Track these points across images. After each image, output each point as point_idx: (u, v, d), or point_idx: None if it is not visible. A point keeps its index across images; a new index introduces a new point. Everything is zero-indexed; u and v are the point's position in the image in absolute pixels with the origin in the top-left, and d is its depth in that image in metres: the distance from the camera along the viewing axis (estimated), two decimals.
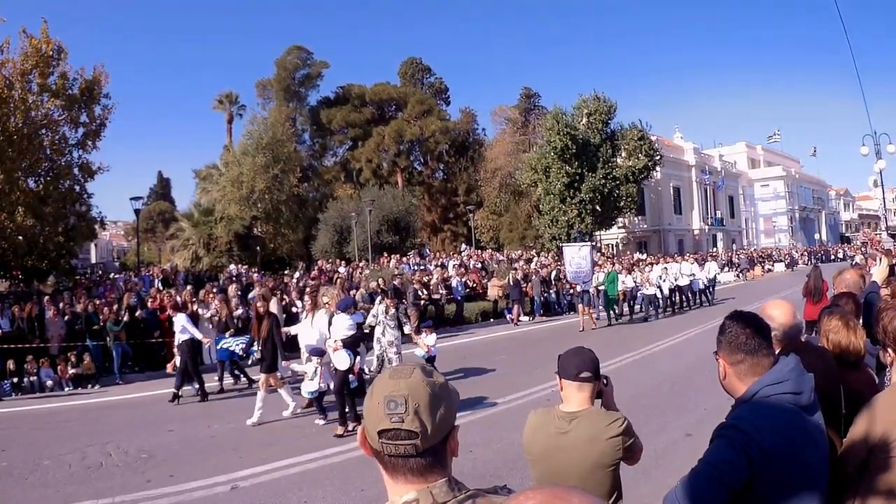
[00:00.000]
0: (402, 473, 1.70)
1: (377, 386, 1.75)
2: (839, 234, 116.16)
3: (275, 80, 70.90)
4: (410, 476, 1.70)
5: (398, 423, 1.65)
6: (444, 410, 1.72)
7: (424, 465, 1.69)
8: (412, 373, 1.74)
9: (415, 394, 1.68)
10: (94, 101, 29.23)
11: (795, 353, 3.08)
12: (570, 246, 30.30)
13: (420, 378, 1.72)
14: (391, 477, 1.73)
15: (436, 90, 79.24)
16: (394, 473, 1.72)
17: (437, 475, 1.71)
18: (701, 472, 2.84)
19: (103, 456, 10.81)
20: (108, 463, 10.42)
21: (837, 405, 3.81)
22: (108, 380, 19.16)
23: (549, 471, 3.75)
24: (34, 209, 26.30)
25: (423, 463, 1.69)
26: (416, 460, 1.68)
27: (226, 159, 52.93)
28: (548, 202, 54.85)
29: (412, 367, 1.77)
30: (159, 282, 27.32)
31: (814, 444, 2.88)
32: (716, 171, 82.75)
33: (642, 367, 16.66)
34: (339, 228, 51.19)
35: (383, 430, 1.67)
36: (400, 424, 1.65)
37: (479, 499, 1.72)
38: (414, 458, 1.68)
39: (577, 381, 3.78)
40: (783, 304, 4.42)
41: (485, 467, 8.88)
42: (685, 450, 8.77)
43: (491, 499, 1.72)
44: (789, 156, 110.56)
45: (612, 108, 56.90)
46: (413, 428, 1.65)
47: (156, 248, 73.80)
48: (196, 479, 9.27)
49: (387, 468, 1.73)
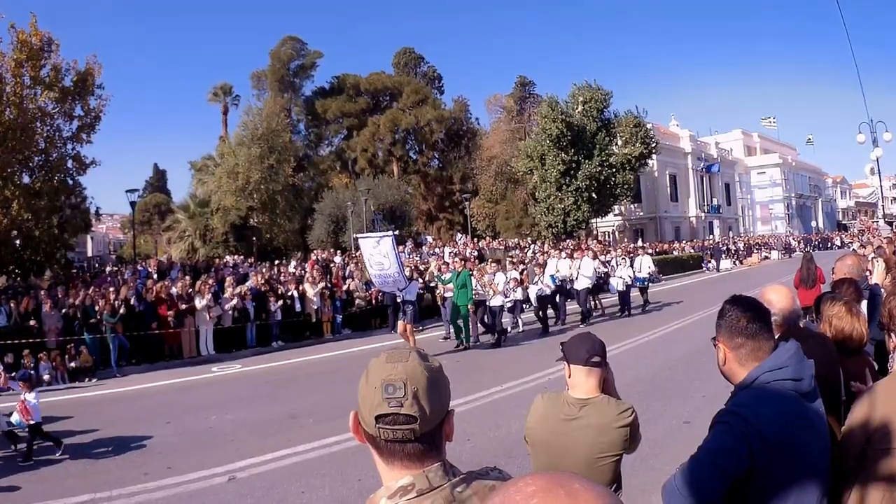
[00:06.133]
0: (398, 458, 1.70)
1: (372, 370, 1.74)
2: (836, 221, 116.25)
3: (269, 71, 70.73)
4: (407, 461, 1.70)
5: (397, 407, 1.65)
6: (440, 395, 1.73)
7: (421, 450, 1.69)
8: (409, 357, 1.74)
9: (413, 378, 1.68)
10: (87, 92, 29.21)
11: (795, 340, 3.05)
12: (366, 238, 19.91)
13: (417, 362, 1.72)
14: (386, 462, 1.73)
15: (430, 79, 79.08)
16: (390, 458, 1.71)
17: (433, 460, 1.71)
18: (700, 460, 2.82)
19: (100, 449, 10.80)
20: (105, 456, 10.42)
21: (837, 392, 3.79)
22: (106, 373, 19.11)
23: (551, 456, 3.73)
24: (28, 203, 26.25)
25: (420, 448, 1.69)
26: (414, 445, 1.68)
27: (221, 150, 52.97)
28: (544, 190, 54.86)
29: (408, 351, 1.77)
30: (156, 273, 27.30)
31: (814, 431, 2.86)
32: (712, 157, 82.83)
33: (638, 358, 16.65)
34: (335, 218, 51.31)
35: (381, 415, 1.66)
36: (399, 409, 1.64)
37: (473, 482, 1.72)
38: (411, 442, 1.67)
39: (586, 366, 3.75)
40: (782, 289, 4.40)
41: (482, 455, 8.85)
42: (683, 438, 8.76)
43: (484, 482, 1.73)
44: (786, 143, 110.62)
45: (607, 95, 56.93)
46: (412, 412, 1.64)
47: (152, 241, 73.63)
48: (193, 470, 9.26)
49: (382, 453, 1.72)
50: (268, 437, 10.95)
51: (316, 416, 12.23)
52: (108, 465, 9.91)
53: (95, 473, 9.49)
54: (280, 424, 11.96)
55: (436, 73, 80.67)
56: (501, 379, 14.30)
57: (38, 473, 9.67)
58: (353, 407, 1.79)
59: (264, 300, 23.75)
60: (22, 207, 25.79)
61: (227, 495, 8.31)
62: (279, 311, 23.84)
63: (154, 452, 10.47)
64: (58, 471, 9.75)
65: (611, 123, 57.00)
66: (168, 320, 21.06)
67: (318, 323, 25.33)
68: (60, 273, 29.97)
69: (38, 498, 8.49)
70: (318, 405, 13.32)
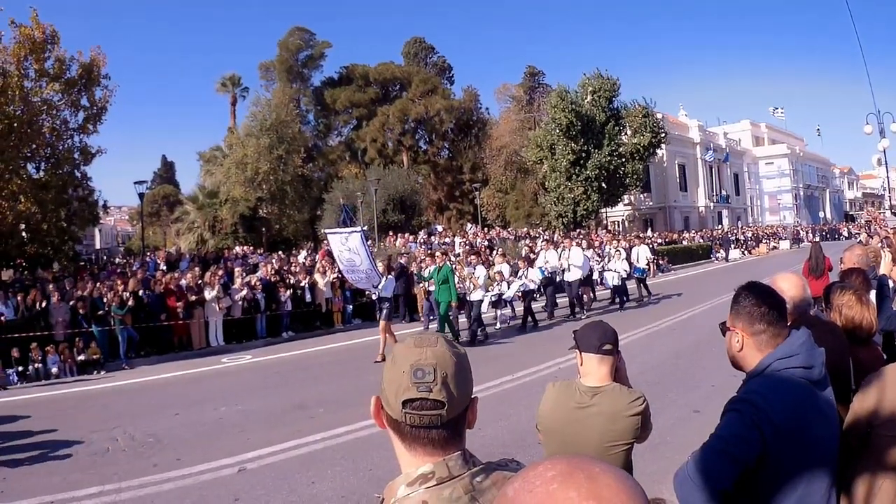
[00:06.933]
0: (421, 445, 1.69)
1: (400, 354, 1.73)
2: (843, 212, 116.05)
3: (277, 62, 70.84)
4: (430, 447, 1.69)
5: (426, 392, 1.64)
6: (466, 381, 1.73)
7: (445, 437, 1.68)
8: (437, 342, 1.73)
9: (442, 363, 1.67)
10: (93, 83, 29.15)
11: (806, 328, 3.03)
12: (334, 233, 19.36)
13: (446, 347, 1.72)
14: (409, 448, 1.72)
15: (439, 69, 79.08)
16: (413, 445, 1.70)
17: (455, 447, 1.70)
18: (712, 448, 2.82)
19: (109, 441, 10.80)
20: (114, 448, 10.41)
21: (847, 380, 3.78)
22: (115, 365, 19.16)
23: (563, 444, 3.72)
24: (35, 196, 26.29)
25: (445, 434, 1.68)
26: (439, 431, 1.67)
27: (230, 141, 52.94)
28: (553, 179, 54.95)
29: (436, 337, 1.76)
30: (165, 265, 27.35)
31: (825, 419, 2.85)
32: (720, 148, 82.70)
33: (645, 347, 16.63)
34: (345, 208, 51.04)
35: (409, 400, 1.65)
36: (427, 394, 1.64)
37: (493, 472, 1.71)
38: (437, 429, 1.67)
39: (598, 354, 3.74)
40: (793, 278, 4.38)
41: (493, 445, 8.86)
42: (693, 426, 8.74)
43: (504, 472, 1.71)
44: (793, 134, 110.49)
45: (615, 85, 56.86)
46: (440, 398, 1.64)
47: (161, 232, 73.76)
48: (203, 462, 9.27)
49: (405, 439, 1.71)
50: (278, 428, 10.95)
51: (326, 407, 12.24)
52: (117, 457, 9.92)
53: (104, 465, 9.50)
54: (290, 415, 11.97)
55: (446, 64, 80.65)
56: (511, 368, 14.29)
57: (46, 466, 9.66)
58: (364, 396, 1.78)
59: (274, 291, 23.80)
60: (29, 200, 25.83)
61: (237, 486, 8.31)
62: (289, 302, 23.90)
63: (163, 444, 10.48)
64: (66, 463, 9.73)
65: (620, 113, 56.97)
66: (177, 312, 21.11)
67: (329, 313, 25.39)
68: (68, 266, 30.02)
69: (46, 490, 8.49)
70: (328, 395, 13.34)
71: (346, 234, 18.55)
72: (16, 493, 8.52)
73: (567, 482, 1.01)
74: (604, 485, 1.01)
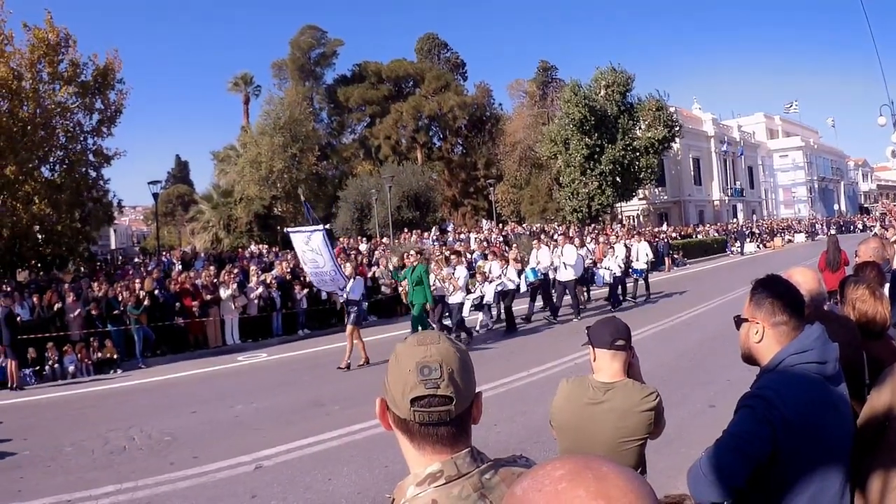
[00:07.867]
0: (430, 443, 1.69)
1: (403, 354, 1.73)
2: (858, 204, 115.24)
3: (290, 60, 70.80)
4: (439, 445, 1.69)
5: (433, 388, 1.64)
6: (470, 375, 1.74)
7: (454, 434, 1.69)
8: (440, 339, 1.74)
9: (447, 359, 1.68)
10: (108, 86, 29.28)
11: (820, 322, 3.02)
12: (296, 232, 17.88)
13: (449, 344, 1.73)
14: (418, 447, 1.72)
15: (452, 65, 78.70)
16: (422, 443, 1.71)
17: (463, 444, 1.71)
18: (725, 444, 2.81)
19: (126, 440, 10.87)
20: (130, 447, 10.48)
21: (861, 375, 3.75)
22: (131, 364, 19.29)
23: (576, 440, 3.74)
24: (50, 198, 26.41)
25: (453, 431, 1.69)
26: (447, 428, 1.68)
27: (243, 140, 52.96)
28: (568, 174, 54.93)
29: (437, 334, 1.77)
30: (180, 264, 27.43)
31: (838, 415, 2.84)
32: (735, 141, 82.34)
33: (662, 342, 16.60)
34: (360, 205, 51.30)
35: (417, 398, 1.65)
36: (435, 390, 1.64)
37: (501, 469, 1.71)
38: (445, 425, 1.67)
39: (611, 350, 3.76)
40: (808, 272, 4.39)
41: (508, 441, 8.86)
42: (708, 422, 8.71)
43: (512, 469, 1.72)
44: (807, 126, 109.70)
45: (629, 79, 56.72)
46: (448, 393, 1.64)
47: (175, 232, 73.91)
48: (219, 459, 9.31)
49: (414, 438, 1.71)
50: (294, 425, 11.01)
51: (342, 404, 12.28)
52: (134, 455, 9.99)
53: (120, 464, 9.57)
54: (306, 412, 12.03)
55: (459, 60, 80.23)
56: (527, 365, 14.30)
57: (63, 464, 9.74)
58: (380, 393, 1.78)
59: (290, 289, 23.87)
60: (43, 202, 25.95)
61: (254, 483, 8.35)
62: (305, 300, 24.04)
63: (179, 442, 10.54)
64: (83, 462, 9.81)
65: (633, 107, 56.80)
66: (193, 310, 21.18)
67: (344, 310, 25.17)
68: (83, 266, 30.13)
69: (63, 489, 8.55)
70: (343, 392, 13.39)
71: (308, 232, 17.16)
72: (33, 491, 8.58)
73: (576, 481, 1.02)
74: (612, 484, 1.01)
